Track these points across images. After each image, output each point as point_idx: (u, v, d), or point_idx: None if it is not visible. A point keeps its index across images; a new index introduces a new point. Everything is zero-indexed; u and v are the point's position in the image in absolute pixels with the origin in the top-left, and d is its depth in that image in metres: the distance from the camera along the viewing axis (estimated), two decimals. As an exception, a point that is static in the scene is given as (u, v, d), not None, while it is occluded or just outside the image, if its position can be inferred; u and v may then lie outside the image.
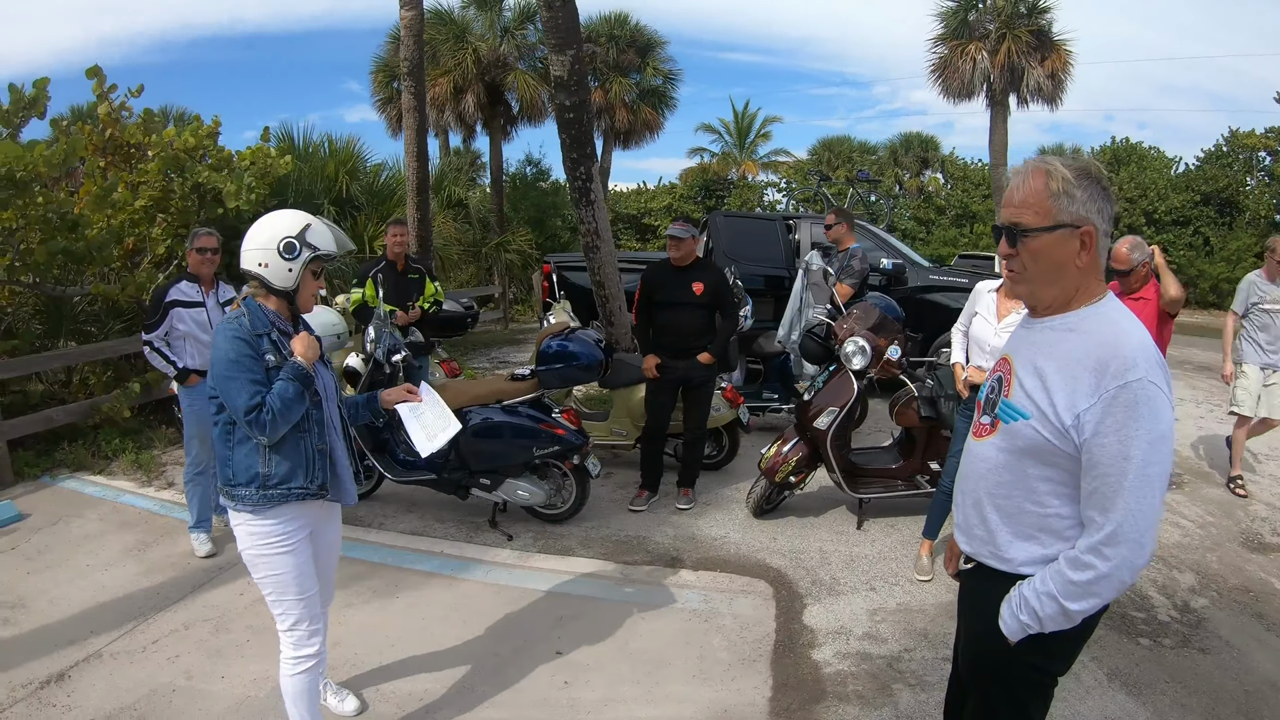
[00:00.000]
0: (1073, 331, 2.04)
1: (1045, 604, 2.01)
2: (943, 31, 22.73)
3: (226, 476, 3.08)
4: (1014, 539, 2.15)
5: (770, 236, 10.71)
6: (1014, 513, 2.14)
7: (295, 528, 3.14)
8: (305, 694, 3.24)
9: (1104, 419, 1.89)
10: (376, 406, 3.57)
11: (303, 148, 14.07)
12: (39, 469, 7.43)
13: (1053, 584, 2.00)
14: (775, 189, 31.46)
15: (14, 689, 4.02)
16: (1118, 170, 23.82)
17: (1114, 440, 1.88)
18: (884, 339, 5.74)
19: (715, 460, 7.33)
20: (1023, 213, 2.05)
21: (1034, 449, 2.05)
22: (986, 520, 2.21)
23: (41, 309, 8.82)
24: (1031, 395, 2.06)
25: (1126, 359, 1.89)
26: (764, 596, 4.90)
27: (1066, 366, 1.99)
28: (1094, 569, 1.93)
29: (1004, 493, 2.16)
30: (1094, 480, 1.93)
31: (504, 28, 19.81)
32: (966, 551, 2.33)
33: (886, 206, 24.96)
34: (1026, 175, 2.06)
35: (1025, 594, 2.07)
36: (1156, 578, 5.17)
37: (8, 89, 7.55)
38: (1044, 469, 2.06)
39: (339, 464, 3.28)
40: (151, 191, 8.65)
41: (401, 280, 7.22)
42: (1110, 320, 2.01)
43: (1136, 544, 1.90)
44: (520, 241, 19.24)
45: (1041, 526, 2.10)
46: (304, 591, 3.19)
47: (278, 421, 2.95)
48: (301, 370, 3.01)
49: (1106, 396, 1.89)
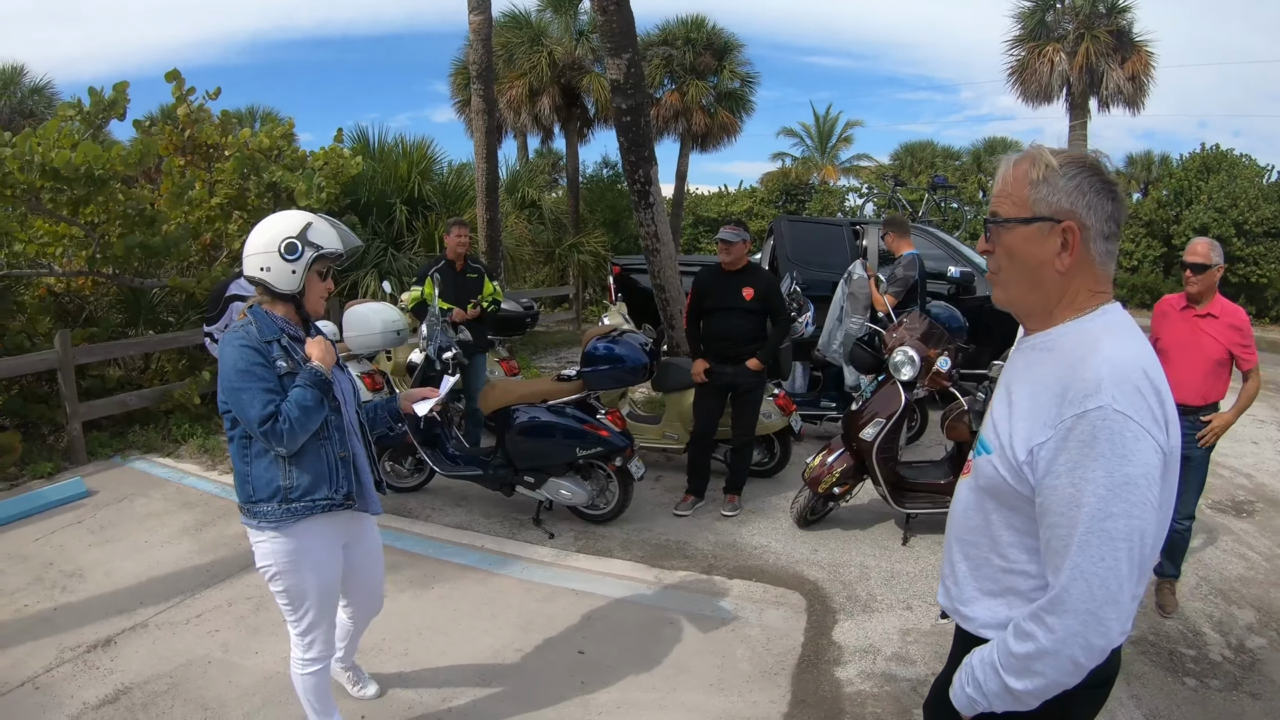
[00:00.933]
0: (1049, 351, 1.72)
1: (989, 677, 1.71)
2: (1020, 33, 22.29)
3: (246, 494, 2.99)
4: (978, 594, 1.85)
5: (836, 242, 10.57)
6: (980, 563, 1.84)
7: (322, 544, 3.09)
8: (315, 689, 3.30)
9: (1057, 456, 1.57)
10: (395, 408, 3.53)
11: (377, 148, 14.36)
12: (111, 449, 7.86)
13: (996, 654, 1.70)
14: (856, 194, 31.14)
15: (63, 650, 4.31)
16: (1207, 179, 22.92)
17: (1065, 482, 1.55)
18: (934, 350, 5.65)
19: (766, 468, 7.31)
20: (1001, 202, 1.75)
21: (994, 489, 1.75)
22: (956, 571, 1.92)
23: (121, 299, 9.24)
24: (996, 426, 1.76)
25: (1088, 382, 1.56)
26: (796, 609, 4.86)
27: (1035, 392, 1.67)
28: (1034, 640, 1.60)
29: (971, 539, 1.86)
30: (1046, 530, 1.62)
31: (579, 31, 19.95)
32: (941, 604, 2.02)
33: (966, 213, 24.49)
34: (1010, 162, 1.77)
35: (973, 663, 1.78)
36: (1213, 613, 4.93)
37: (88, 92, 7.91)
38: (1006, 514, 1.76)
39: (361, 471, 3.20)
40: (228, 190, 8.99)
41: (460, 279, 7.32)
42: (1089, 335, 1.67)
43: (1090, 615, 1.54)
44: (595, 243, 19.33)
45: (1006, 585, 1.79)
46: (323, 605, 3.16)
47: (296, 430, 2.84)
48: (319, 376, 2.92)
49: (1063, 428, 1.56)
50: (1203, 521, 6.20)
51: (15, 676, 4.05)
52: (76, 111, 8.02)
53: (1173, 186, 23.69)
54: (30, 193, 7.64)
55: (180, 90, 9.15)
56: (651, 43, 20.73)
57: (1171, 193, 23.54)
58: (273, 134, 9.50)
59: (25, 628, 4.56)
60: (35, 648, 4.33)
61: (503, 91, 18.07)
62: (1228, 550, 5.89)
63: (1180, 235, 21.58)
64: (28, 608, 4.81)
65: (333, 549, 3.15)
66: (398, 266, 12.29)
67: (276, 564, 3.03)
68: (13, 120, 22.73)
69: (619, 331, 6.24)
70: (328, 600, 3.18)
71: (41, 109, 25.40)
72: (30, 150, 7.26)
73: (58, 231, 8.38)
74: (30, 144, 7.29)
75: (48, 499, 6.42)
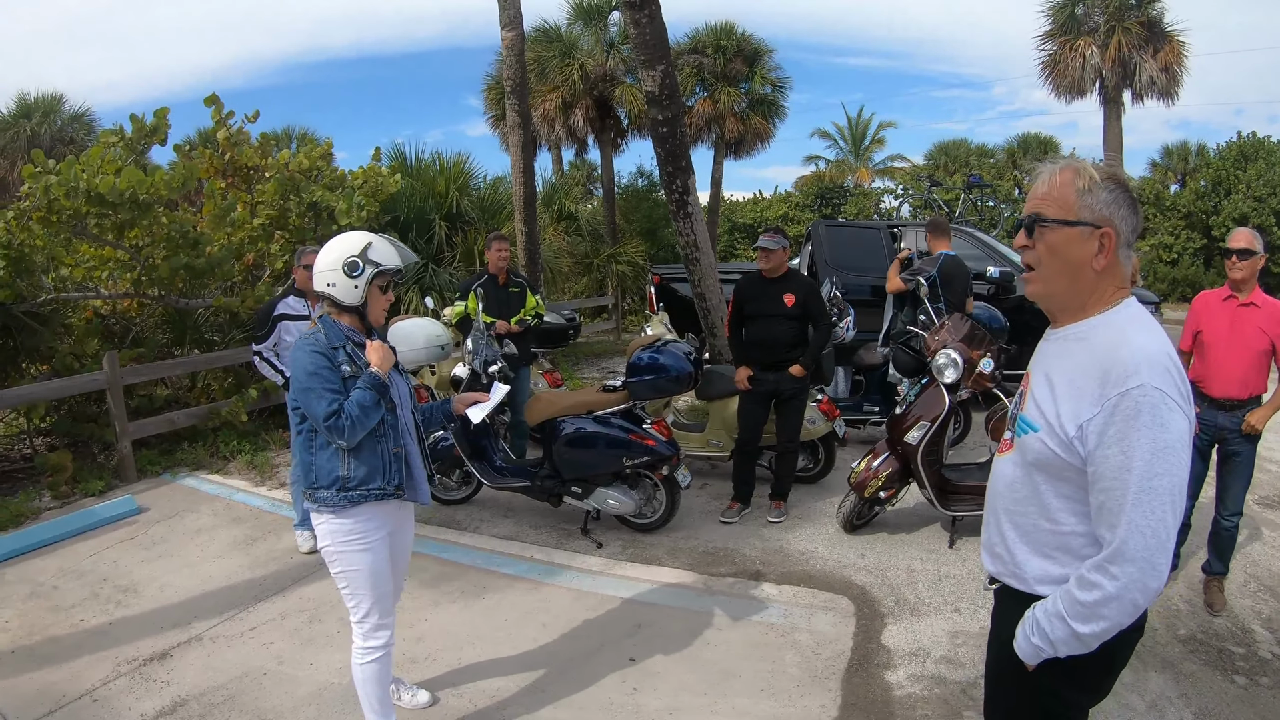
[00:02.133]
0: (1082, 340, 1.95)
1: (1055, 626, 1.91)
2: (1051, 28, 22.12)
3: (310, 480, 3.31)
4: (1030, 555, 2.06)
5: (874, 246, 10.53)
6: (1030, 530, 2.06)
7: (373, 527, 3.34)
8: (374, 680, 3.45)
9: (1106, 429, 1.80)
10: (449, 410, 3.82)
11: (414, 165, 14.52)
12: (160, 467, 8.01)
13: (1062, 604, 1.90)
14: (892, 195, 30.98)
15: (119, 664, 4.40)
16: (1245, 167, 22.49)
17: (1116, 451, 1.79)
18: (976, 351, 5.61)
19: (811, 473, 7.28)
20: (1045, 204, 1.96)
21: (1044, 463, 1.97)
22: (1005, 538, 2.13)
23: (167, 320, 9.40)
24: (1041, 407, 1.98)
25: (1127, 365, 1.80)
26: (844, 613, 4.83)
27: (1074, 377, 1.91)
28: (1100, 589, 1.82)
29: (1020, 509, 2.08)
30: (1099, 494, 1.84)
31: (609, 42, 20.00)
32: (990, 571, 2.24)
33: (1003, 211, 24.26)
34: (1055, 170, 1.98)
35: (1037, 615, 1.98)
36: (1262, 610, 4.84)
37: (129, 119, 8.08)
38: (1056, 484, 1.97)
39: (414, 466, 3.49)
40: (269, 210, 9.13)
41: (502, 293, 7.36)
42: (1117, 327, 1.92)
43: (1146, 563, 1.78)
44: (632, 253, 19.38)
45: (1057, 545, 2.00)
46: (376, 587, 3.39)
47: (356, 426, 3.15)
48: (377, 379, 3.23)
49: (1108, 405, 1.80)
50: (1250, 517, 6.08)
51: (74, 689, 4.13)
52: (119, 138, 8.19)
53: (1210, 177, 23.27)
54: (76, 218, 7.82)
55: (219, 114, 9.31)
56: (682, 51, 20.77)
57: (1210, 183, 23.14)
58: (312, 154, 9.62)
59: (82, 641, 4.65)
60: (92, 661, 4.42)
61: (536, 105, 18.17)
62: (1276, 546, 5.78)
63: (1220, 226, 21.23)
64: (84, 622, 4.90)
65: (382, 532, 3.41)
66: (439, 282, 12.38)
67: (334, 543, 3.33)
68: (54, 147, 23.25)
69: (663, 341, 6.24)
70: (381, 580, 3.41)
71: (81, 135, 25.96)
72: (75, 177, 7.42)
73: (103, 255, 8.55)
74: (75, 171, 7.45)
75: (100, 516, 6.54)
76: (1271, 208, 21.10)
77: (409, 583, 5.16)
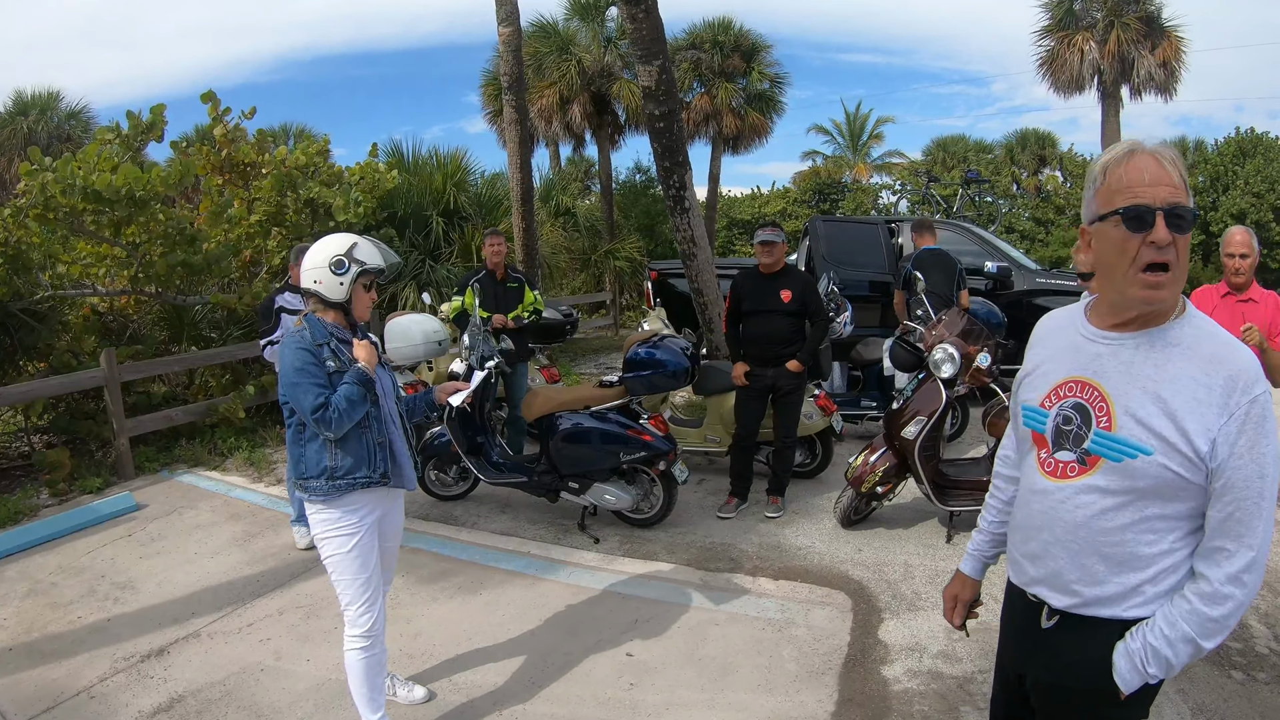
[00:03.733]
0: (1175, 346, 1.80)
1: (1181, 650, 1.80)
2: (1049, 23, 22.13)
3: (300, 471, 3.45)
4: (1110, 579, 1.89)
5: (872, 241, 10.54)
6: (1123, 560, 1.87)
7: (361, 515, 3.47)
8: (362, 671, 3.51)
9: (1237, 439, 1.71)
10: (431, 399, 3.99)
11: (412, 161, 14.54)
12: (159, 464, 8.01)
13: (1187, 627, 1.78)
14: (890, 191, 30.97)
15: (117, 660, 4.41)
16: (1243, 163, 22.44)
17: (1248, 460, 1.71)
18: (973, 346, 5.61)
19: (808, 468, 7.28)
20: (1185, 195, 1.75)
21: (1160, 487, 1.79)
22: (1091, 572, 1.91)
23: (164, 317, 9.41)
24: (1149, 425, 1.78)
25: (1251, 372, 1.73)
26: (841, 609, 4.84)
27: (1188, 389, 1.75)
28: (1233, 600, 1.75)
29: (1113, 539, 1.87)
30: (1228, 505, 1.74)
31: (607, 38, 19.97)
32: (1060, 606, 1.98)
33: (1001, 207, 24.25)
34: (1174, 156, 1.78)
35: (1152, 643, 1.83)
36: (1260, 605, 4.81)
37: (126, 115, 8.10)
38: (1164, 506, 1.82)
39: (399, 454, 3.61)
40: (266, 207, 9.12)
41: (500, 289, 7.36)
42: (1213, 331, 1.81)
43: (1264, 565, 1.78)
44: (630, 249, 19.37)
45: (1141, 564, 1.86)
46: (361, 572, 3.48)
47: (343, 419, 3.29)
48: (364, 375, 3.37)
49: (1239, 414, 1.70)
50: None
51: (72, 686, 4.14)
52: (115, 135, 8.20)
53: (1209, 173, 23.18)
54: (73, 215, 7.82)
55: (216, 111, 9.30)
56: (679, 46, 20.73)
57: (1208, 179, 23.08)
58: (309, 151, 9.63)
59: (80, 638, 4.66)
60: (90, 658, 4.43)
61: (533, 100, 18.13)
62: (1274, 542, 5.73)
63: (1218, 222, 21.16)
64: (82, 619, 4.91)
65: (371, 519, 3.52)
66: (436, 278, 12.39)
67: (324, 530, 3.45)
68: (51, 144, 23.20)
69: (660, 336, 6.24)
70: (366, 566, 3.50)
71: (79, 133, 25.88)
72: (72, 174, 7.43)
73: (100, 252, 8.55)
74: (72, 168, 7.46)
75: (98, 513, 6.55)
76: (1270, 203, 21.01)
77: (406, 579, 5.20)
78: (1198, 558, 1.83)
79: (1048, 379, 2.04)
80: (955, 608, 2.47)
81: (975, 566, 2.48)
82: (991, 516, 2.43)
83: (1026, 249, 22.01)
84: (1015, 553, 2.14)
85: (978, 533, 2.48)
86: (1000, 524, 2.40)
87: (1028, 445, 2.08)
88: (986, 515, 2.45)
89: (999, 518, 2.40)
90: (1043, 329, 2.20)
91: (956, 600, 2.47)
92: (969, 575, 2.46)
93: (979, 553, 2.47)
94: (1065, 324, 2.08)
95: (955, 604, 2.47)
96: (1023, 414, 2.09)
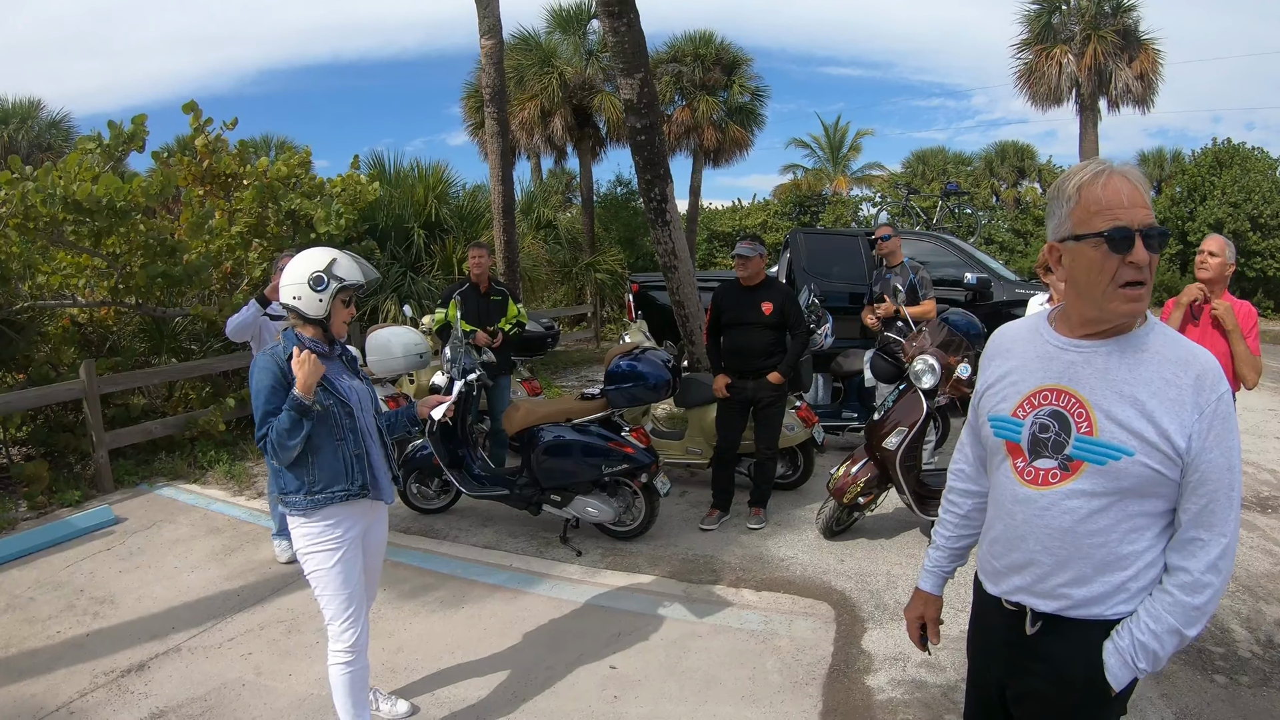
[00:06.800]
0: (1144, 352, 1.89)
1: (1168, 641, 1.87)
2: (1027, 37, 22.37)
3: (280, 486, 3.46)
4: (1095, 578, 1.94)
5: (852, 253, 10.59)
6: (1107, 559, 1.92)
7: (344, 530, 3.46)
8: (346, 685, 3.49)
9: (1208, 434, 1.82)
10: (413, 414, 3.97)
11: (393, 174, 14.54)
12: (138, 477, 7.95)
13: (1172, 618, 1.87)
14: (870, 203, 31.13)
15: (96, 676, 4.37)
16: (1220, 174, 22.66)
17: (1219, 454, 1.83)
18: (953, 357, 5.65)
19: (790, 480, 7.31)
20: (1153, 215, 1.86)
21: (1142, 485, 1.87)
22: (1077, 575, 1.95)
23: (144, 329, 9.35)
24: (1129, 427, 1.86)
25: (1215, 371, 1.85)
26: (824, 619, 4.86)
27: (1161, 390, 1.84)
28: (1212, 586, 1.86)
29: (1098, 540, 1.92)
30: (1203, 498, 1.85)
31: (588, 51, 20.05)
32: (1046, 610, 2.01)
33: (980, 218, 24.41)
34: (1140, 176, 1.87)
35: (1140, 639, 1.89)
36: (1240, 609, 4.90)
37: (107, 125, 8.06)
38: (1145, 503, 1.90)
39: (376, 467, 3.58)
40: (247, 218, 9.10)
41: (484, 302, 7.36)
42: (1176, 337, 1.93)
43: (1235, 552, 1.90)
44: (611, 261, 19.40)
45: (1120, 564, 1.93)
46: (344, 587, 3.46)
47: (278, 448, 3.27)
48: (298, 401, 3.25)
49: (1209, 411, 1.82)
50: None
51: (50, 702, 4.09)
52: (96, 144, 8.15)
53: (1186, 183, 23.39)
54: (53, 225, 7.76)
55: (198, 121, 9.29)
56: (661, 60, 20.78)
57: (1185, 189, 23.31)
58: (290, 162, 9.61)
59: (59, 654, 4.61)
60: (69, 674, 4.38)
61: (515, 113, 18.15)
62: (1253, 547, 5.85)
63: (1195, 232, 21.34)
64: (60, 634, 4.86)
65: (353, 533, 3.51)
66: (417, 290, 12.38)
67: (306, 545, 3.44)
68: (31, 154, 23.03)
69: (641, 349, 6.25)
70: (349, 581, 3.48)
71: (59, 142, 25.74)
72: (52, 183, 7.39)
73: (80, 263, 8.49)
74: (52, 177, 7.42)
75: (77, 527, 6.49)
76: (1246, 213, 21.24)
77: (388, 593, 5.17)
78: (1171, 551, 1.92)
79: (1018, 389, 2.07)
80: (924, 628, 2.47)
81: (935, 583, 2.47)
82: (948, 531, 2.45)
83: (1005, 260, 22.13)
84: (994, 564, 2.15)
85: (934, 549, 2.48)
86: (958, 538, 2.43)
87: (1000, 456, 2.10)
88: (942, 531, 2.47)
89: (956, 532, 2.43)
90: (1002, 340, 2.23)
91: (924, 620, 2.46)
92: (930, 592, 2.46)
93: (938, 569, 2.47)
94: (1027, 335, 2.12)
95: (922, 624, 2.47)
96: (991, 425, 2.11)
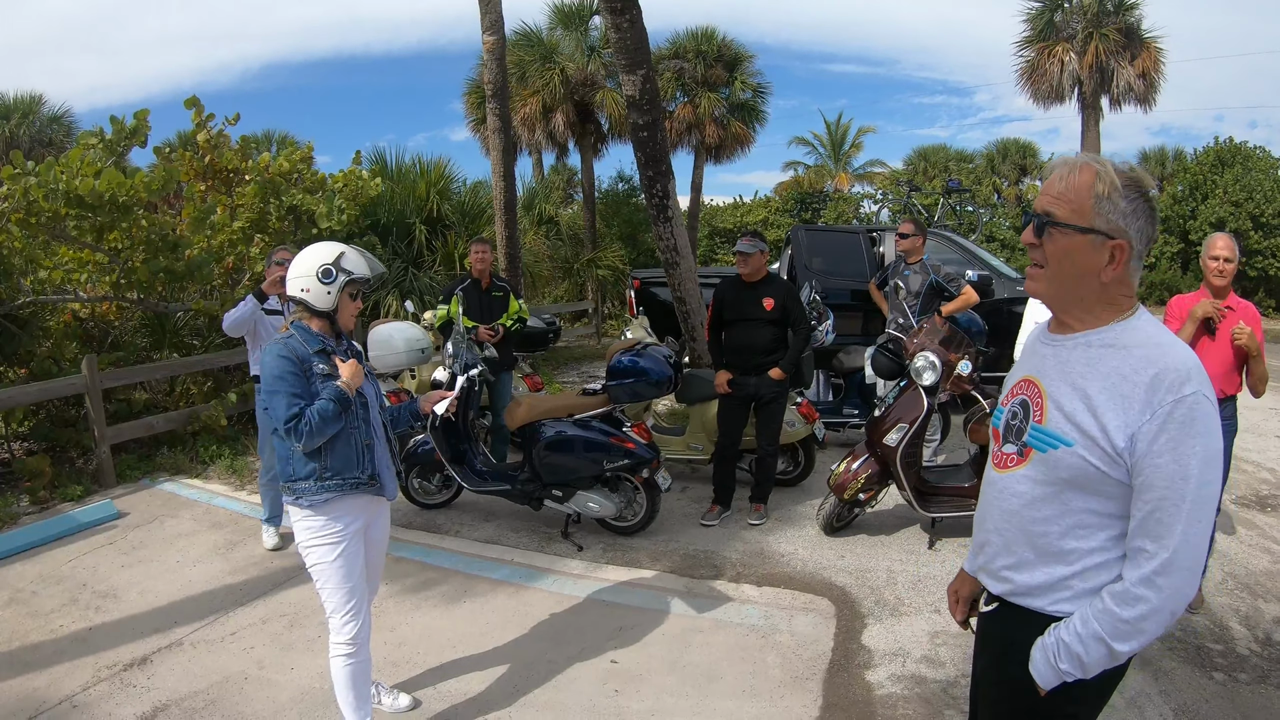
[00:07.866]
0: (1112, 348, 1.87)
1: (1092, 648, 1.83)
2: (1029, 34, 22.36)
3: (288, 473, 3.44)
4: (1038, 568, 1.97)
5: (853, 250, 10.57)
6: (1054, 551, 1.94)
7: (347, 523, 3.46)
8: (348, 679, 3.51)
9: (1158, 436, 1.74)
10: (415, 409, 4.00)
11: (395, 169, 14.54)
12: (140, 472, 7.97)
13: (1099, 625, 1.82)
14: (871, 200, 31.11)
15: (99, 669, 4.38)
16: (1222, 172, 22.62)
17: (1170, 460, 1.73)
18: (954, 354, 5.65)
19: (790, 476, 7.32)
20: (1059, 204, 1.87)
21: (1080, 479, 1.86)
22: (1022, 559, 2.01)
23: (146, 324, 9.37)
24: (1073, 419, 1.87)
25: (1180, 372, 1.75)
26: (825, 615, 4.87)
27: (1114, 385, 1.81)
28: (1146, 602, 1.76)
29: (1041, 529, 1.95)
30: (1147, 504, 1.77)
31: (590, 47, 20.05)
32: (997, 592, 2.10)
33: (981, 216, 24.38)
34: (1075, 168, 1.87)
35: (1064, 639, 1.88)
36: (1240, 607, 4.91)
37: (109, 120, 8.05)
38: (1088, 500, 1.87)
39: (379, 461, 3.60)
40: (249, 214, 9.10)
41: (485, 298, 7.35)
42: (1152, 335, 1.85)
43: (1189, 572, 1.76)
44: (612, 257, 19.41)
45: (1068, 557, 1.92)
46: (346, 581, 3.47)
47: (314, 433, 3.27)
48: (342, 393, 3.34)
49: (1161, 412, 1.73)
50: (1226, 516, 6.21)
51: (53, 695, 4.11)
52: (98, 140, 8.14)
53: (1188, 182, 23.37)
54: (55, 220, 7.78)
55: (200, 116, 9.28)
56: (662, 56, 20.75)
57: (1187, 188, 23.27)
58: (292, 158, 9.61)
59: (62, 648, 4.63)
60: (72, 667, 4.40)
61: (516, 109, 18.13)
62: (1252, 545, 5.86)
63: (1197, 231, 21.34)
64: (63, 628, 4.88)
65: (356, 527, 3.51)
66: (418, 286, 12.39)
67: (309, 538, 3.44)
68: (33, 149, 23.04)
69: (643, 345, 6.26)
70: (353, 575, 3.49)
71: (61, 137, 25.73)
72: (54, 179, 7.39)
73: (82, 258, 8.48)
74: (54, 172, 7.42)
75: (79, 521, 6.51)
76: (1248, 212, 21.20)
77: (390, 587, 5.19)
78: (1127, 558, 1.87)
79: (1010, 381, 2.18)
80: (956, 603, 2.48)
81: None
82: None
83: (1007, 258, 22.11)
84: (973, 541, 2.27)
85: None
86: None
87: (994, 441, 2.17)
88: None
89: None
90: (1027, 339, 2.27)
91: (957, 595, 2.47)
92: (969, 572, 2.45)
93: None
94: (1037, 333, 2.17)
95: (955, 598, 2.48)
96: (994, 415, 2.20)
